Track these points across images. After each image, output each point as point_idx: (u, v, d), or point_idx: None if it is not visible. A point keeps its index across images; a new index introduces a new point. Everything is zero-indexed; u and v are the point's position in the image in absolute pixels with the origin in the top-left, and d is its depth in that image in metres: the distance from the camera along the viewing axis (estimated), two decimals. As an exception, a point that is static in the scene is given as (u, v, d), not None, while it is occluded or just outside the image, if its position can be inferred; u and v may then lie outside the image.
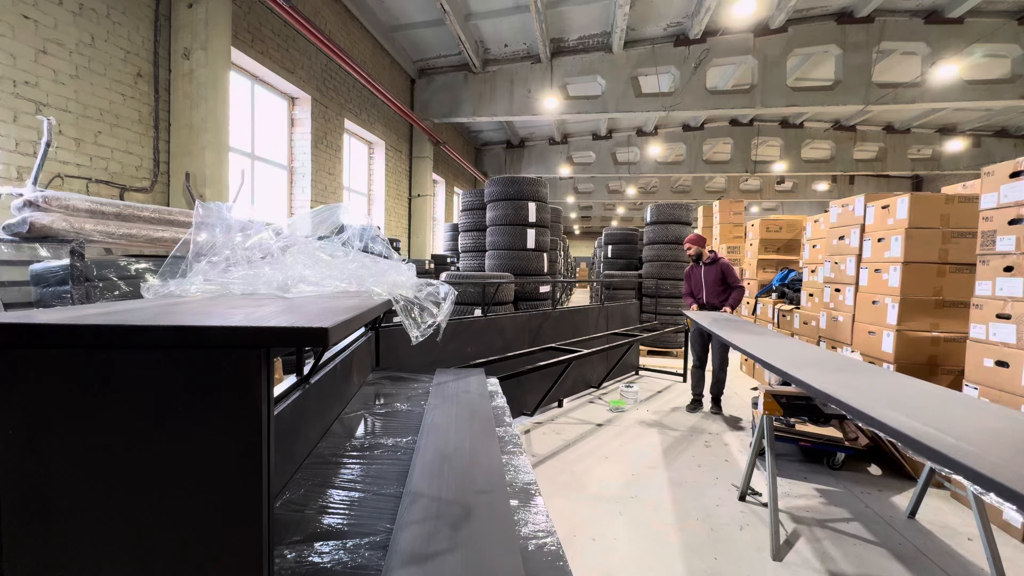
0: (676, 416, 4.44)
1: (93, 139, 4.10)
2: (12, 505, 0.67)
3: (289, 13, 5.81)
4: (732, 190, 18.07)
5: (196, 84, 4.72)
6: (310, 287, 1.29)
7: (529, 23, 8.79)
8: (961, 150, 14.26)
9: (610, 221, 31.61)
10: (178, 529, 0.70)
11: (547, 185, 5.40)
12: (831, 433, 3.32)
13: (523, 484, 1.31)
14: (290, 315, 0.84)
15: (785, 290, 5.92)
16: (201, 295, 1.16)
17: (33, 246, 2.28)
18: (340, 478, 1.36)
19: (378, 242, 1.74)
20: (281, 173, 7.14)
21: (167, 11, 4.72)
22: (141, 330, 0.69)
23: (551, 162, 15.57)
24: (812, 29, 9.27)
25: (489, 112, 10.40)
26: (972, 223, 3.33)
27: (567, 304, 11.32)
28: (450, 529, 1.07)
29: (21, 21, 3.58)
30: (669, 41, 9.59)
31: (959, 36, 8.85)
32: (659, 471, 3.24)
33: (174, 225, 2.89)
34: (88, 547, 0.69)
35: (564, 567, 0.97)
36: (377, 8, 8.35)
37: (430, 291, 1.54)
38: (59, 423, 0.68)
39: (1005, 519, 2.59)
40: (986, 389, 2.77)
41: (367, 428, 1.75)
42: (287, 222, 1.70)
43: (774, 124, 14.36)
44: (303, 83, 6.94)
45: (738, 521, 2.63)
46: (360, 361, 2.33)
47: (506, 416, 1.88)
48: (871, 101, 9.21)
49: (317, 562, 0.99)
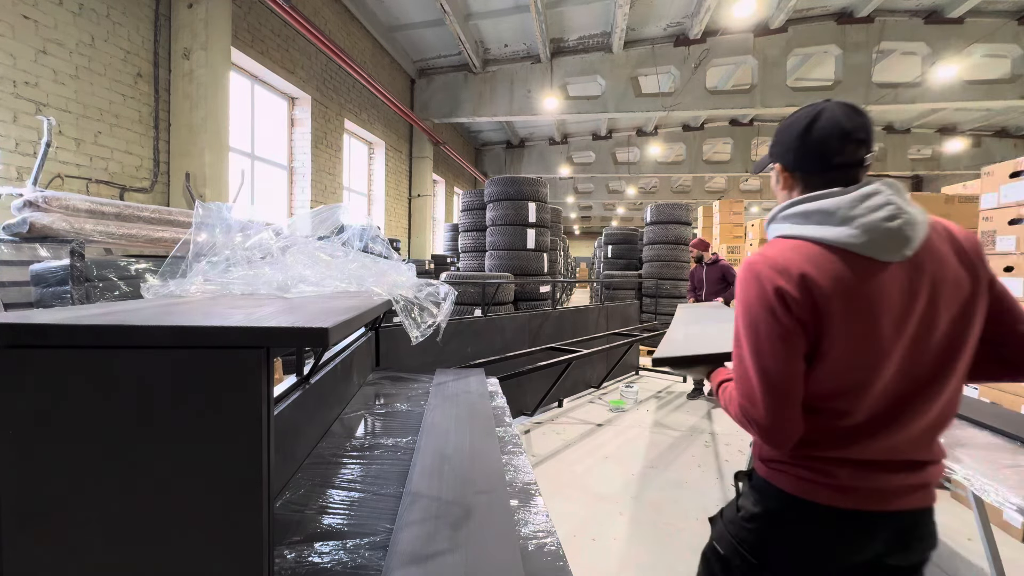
0: (676, 416, 4.44)
1: (93, 139, 4.10)
2: (12, 505, 0.67)
3: (289, 13, 5.81)
4: (732, 190, 18.07)
5: (196, 84, 4.72)
6: (310, 287, 1.29)
7: (529, 23, 8.79)
8: (961, 150, 14.26)
9: (610, 221, 31.60)
10: (178, 529, 0.70)
11: (547, 185, 5.41)
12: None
13: (523, 484, 1.31)
14: (290, 315, 0.84)
15: (785, 290, 5.91)
16: (201, 295, 1.16)
17: (33, 246, 2.28)
18: (340, 478, 1.36)
19: (378, 242, 1.74)
20: (281, 173, 7.14)
21: (167, 11, 4.72)
22: (141, 330, 0.69)
23: (551, 162, 15.57)
24: (812, 29, 9.27)
25: (489, 112, 10.40)
26: (972, 223, 3.33)
27: (567, 304, 11.32)
28: (450, 529, 1.07)
29: (21, 21, 3.58)
30: (669, 41, 9.59)
31: (959, 36, 8.85)
32: (659, 471, 3.24)
33: (174, 225, 2.89)
34: (88, 547, 0.69)
35: (564, 567, 0.97)
36: (377, 8, 8.35)
37: (430, 291, 1.54)
38: (59, 423, 0.68)
39: (1005, 519, 2.59)
40: (986, 389, 2.77)
41: (367, 428, 1.75)
42: (287, 222, 1.70)
43: (774, 124, 14.36)
44: (303, 83, 6.94)
45: (738, 521, 2.63)
46: (360, 361, 2.33)
47: (506, 416, 1.88)
48: (871, 101, 9.21)
49: (317, 562, 0.99)
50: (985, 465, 1.53)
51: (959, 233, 0.91)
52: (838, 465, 0.89)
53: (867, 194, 0.87)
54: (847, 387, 0.87)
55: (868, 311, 0.84)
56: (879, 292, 0.84)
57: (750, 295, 0.90)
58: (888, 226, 0.84)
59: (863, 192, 0.87)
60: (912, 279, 0.85)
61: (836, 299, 0.84)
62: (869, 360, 0.85)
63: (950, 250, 0.88)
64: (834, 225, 0.87)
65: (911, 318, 0.85)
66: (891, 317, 0.84)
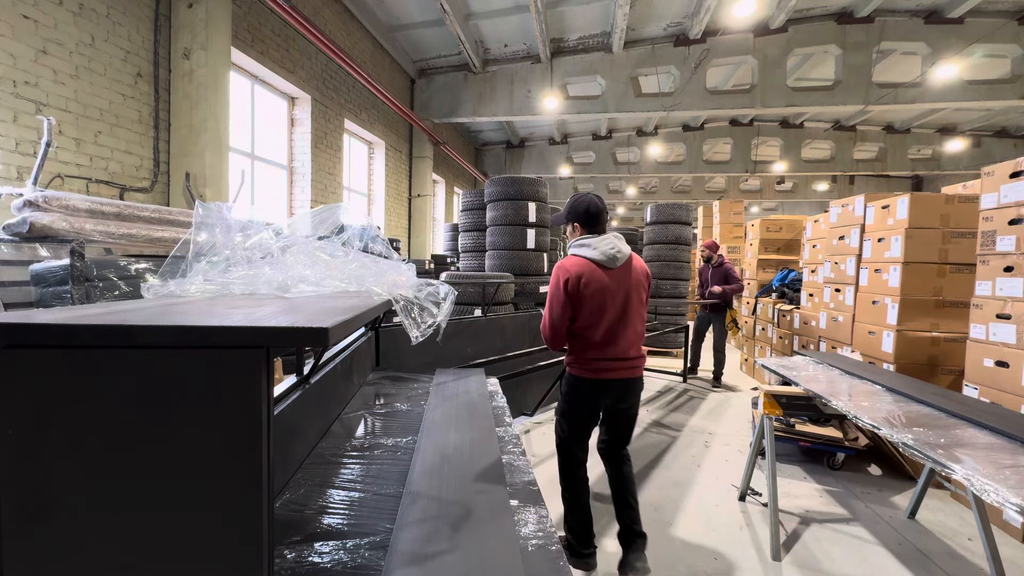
0: (676, 416, 4.44)
1: (93, 139, 4.10)
2: (12, 505, 0.67)
3: (289, 13, 5.81)
4: (732, 190, 18.06)
5: (196, 84, 4.72)
6: (310, 287, 1.29)
7: (529, 23, 8.78)
8: (961, 150, 14.26)
9: (610, 221, 31.59)
10: (178, 529, 0.70)
11: (547, 185, 5.40)
12: (831, 433, 3.32)
13: (523, 484, 1.31)
14: (290, 315, 0.84)
15: (785, 290, 5.92)
16: (201, 295, 1.16)
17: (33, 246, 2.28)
18: (340, 478, 1.36)
19: (378, 242, 1.74)
20: (281, 173, 7.14)
21: (167, 11, 4.72)
22: (141, 330, 0.69)
23: (551, 162, 15.56)
24: (812, 29, 9.27)
25: (489, 112, 10.40)
26: (972, 223, 3.33)
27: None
28: (450, 529, 1.07)
29: (21, 21, 3.58)
30: (669, 41, 9.59)
31: (959, 36, 8.84)
32: (659, 471, 3.24)
33: (174, 225, 2.89)
34: (88, 547, 0.69)
35: (564, 567, 0.97)
36: (377, 8, 8.35)
37: (430, 291, 1.54)
38: (59, 423, 0.68)
39: (1005, 519, 2.59)
40: (986, 389, 2.77)
41: (367, 428, 1.75)
42: (287, 222, 1.70)
43: (774, 124, 14.36)
44: (303, 83, 6.94)
45: (738, 521, 2.63)
46: (360, 361, 2.33)
47: (506, 416, 1.88)
48: (871, 101, 9.21)
49: (317, 562, 0.99)
50: (985, 465, 1.53)
51: (638, 262, 2.12)
52: (592, 360, 2.04)
53: (606, 239, 2.04)
54: (591, 324, 2.01)
55: (601, 290, 1.99)
56: (606, 282, 2.00)
57: (553, 281, 2.02)
58: (612, 253, 2.00)
59: (604, 238, 2.05)
60: (621, 276, 2.03)
61: (588, 285, 1.97)
62: (601, 312, 2.00)
63: (636, 267, 2.10)
64: (592, 250, 2.02)
65: (619, 294, 2.02)
66: (611, 293, 2.00)
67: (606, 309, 1.98)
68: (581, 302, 1.97)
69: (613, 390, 2.06)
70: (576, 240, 2.09)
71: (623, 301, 2.02)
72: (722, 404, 4.87)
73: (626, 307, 2.02)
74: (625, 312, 2.02)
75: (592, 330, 2.00)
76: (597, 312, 1.98)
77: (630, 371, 2.07)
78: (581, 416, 2.12)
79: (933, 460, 1.61)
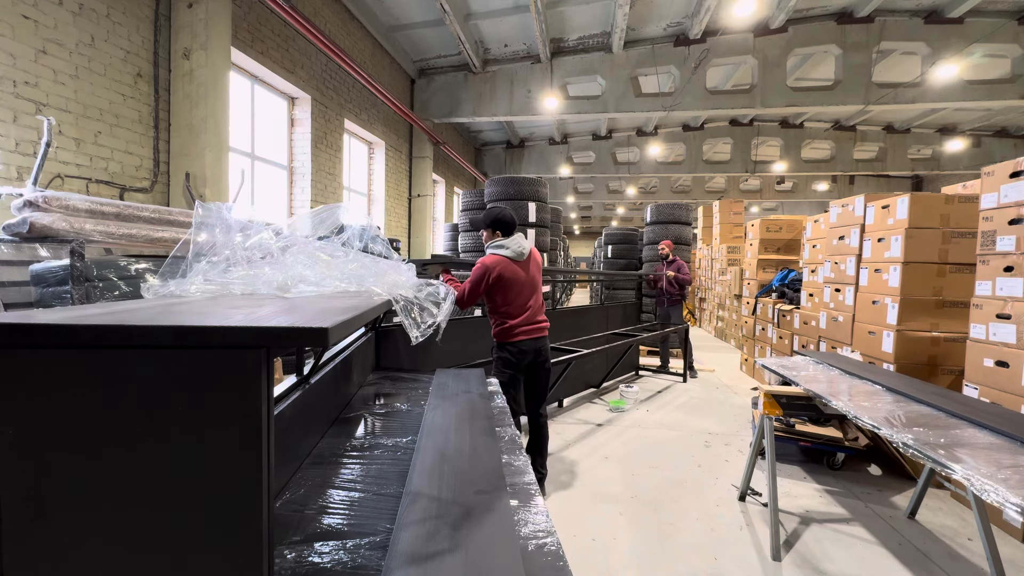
0: (676, 416, 4.44)
1: (93, 139, 4.10)
2: (12, 505, 0.67)
3: (289, 13, 5.81)
4: (732, 190, 18.06)
5: (196, 84, 4.71)
6: (310, 287, 1.29)
7: (529, 23, 8.78)
8: (961, 150, 14.25)
9: (610, 221, 31.59)
10: (178, 529, 0.70)
11: (547, 185, 5.40)
12: (831, 433, 3.32)
13: (523, 484, 1.31)
14: (290, 315, 0.84)
15: (785, 290, 5.92)
16: (201, 295, 1.16)
17: (33, 246, 2.28)
18: (340, 478, 1.36)
19: (378, 242, 1.74)
20: (281, 173, 7.14)
21: (167, 11, 4.72)
22: (141, 330, 0.69)
23: (551, 162, 15.56)
24: (812, 29, 9.27)
25: (489, 112, 10.39)
26: (972, 223, 3.33)
27: (567, 304, 11.31)
28: (450, 529, 1.07)
29: (21, 21, 3.58)
30: (669, 41, 9.59)
31: (959, 36, 8.84)
32: (659, 471, 3.24)
33: (174, 225, 2.89)
34: (88, 547, 0.69)
35: (564, 567, 0.97)
36: (377, 8, 8.34)
37: (430, 291, 1.54)
38: (59, 423, 0.68)
39: (1005, 519, 2.59)
40: (986, 389, 2.77)
41: (367, 428, 1.75)
42: (287, 222, 1.70)
43: (774, 124, 14.35)
44: (303, 83, 6.94)
45: (738, 521, 2.63)
46: (360, 361, 2.33)
47: (506, 416, 1.88)
48: (871, 101, 9.20)
49: (317, 562, 0.99)
50: (985, 465, 1.53)
51: (535, 252, 2.87)
52: (512, 328, 2.73)
53: (516, 239, 2.75)
54: (511, 302, 2.72)
55: (514, 278, 2.69)
56: (518, 271, 2.72)
57: (476, 272, 2.63)
58: (520, 249, 2.73)
59: (514, 239, 2.75)
60: (528, 265, 2.79)
61: (504, 276, 2.65)
62: (518, 294, 2.73)
63: (535, 256, 2.87)
64: (506, 249, 2.70)
65: (527, 278, 2.77)
66: (520, 278, 2.72)
67: (521, 291, 2.73)
68: (502, 288, 2.67)
69: (530, 349, 2.76)
70: (494, 241, 2.75)
71: (531, 283, 2.79)
72: (722, 404, 4.87)
73: (533, 287, 2.81)
74: (533, 291, 2.80)
75: (512, 307, 2.72)
76: (515, 295, 2.71)
77: (541, 332, 2.82)
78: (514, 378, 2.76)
79: (933, 460, 1.61)
